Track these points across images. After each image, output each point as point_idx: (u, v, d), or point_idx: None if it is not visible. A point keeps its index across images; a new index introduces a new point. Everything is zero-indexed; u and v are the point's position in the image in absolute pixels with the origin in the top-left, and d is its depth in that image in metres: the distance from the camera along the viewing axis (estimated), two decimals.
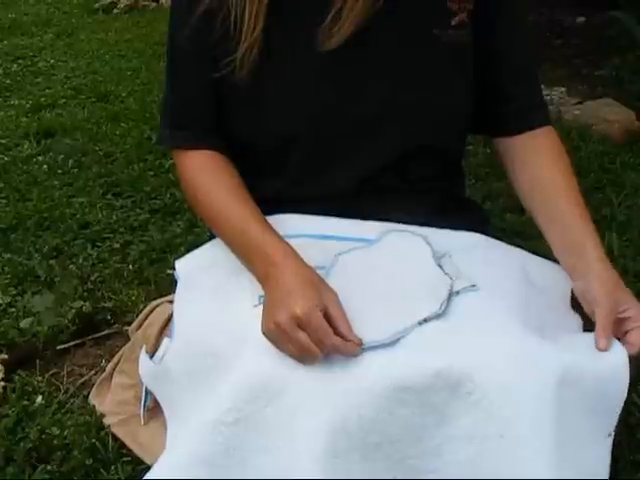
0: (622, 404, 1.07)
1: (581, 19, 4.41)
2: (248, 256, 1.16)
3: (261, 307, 1.09)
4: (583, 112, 3.20)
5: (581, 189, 1.25)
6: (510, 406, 0.99)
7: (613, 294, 1.13)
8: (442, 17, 1.22)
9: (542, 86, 1.37)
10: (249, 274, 1.16)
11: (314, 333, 1.02)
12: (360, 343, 1.02)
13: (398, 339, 1.03)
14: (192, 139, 1.28)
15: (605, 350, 1.07)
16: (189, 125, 1.29)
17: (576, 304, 1.20)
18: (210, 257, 1.28)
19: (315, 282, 1.08)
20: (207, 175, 1.26)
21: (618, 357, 1.08)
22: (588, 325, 1.15)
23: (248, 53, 1.18)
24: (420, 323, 1.05)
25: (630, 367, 1.06)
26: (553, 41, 4.17)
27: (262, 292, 1.11)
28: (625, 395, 1.06)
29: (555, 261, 1.24)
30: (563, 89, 3.42)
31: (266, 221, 1.18)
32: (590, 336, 1.10)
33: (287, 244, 1.14)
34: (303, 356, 1.02)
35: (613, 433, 1.06)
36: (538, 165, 1.28)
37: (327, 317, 1.04)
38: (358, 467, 0.99)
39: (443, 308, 1.07)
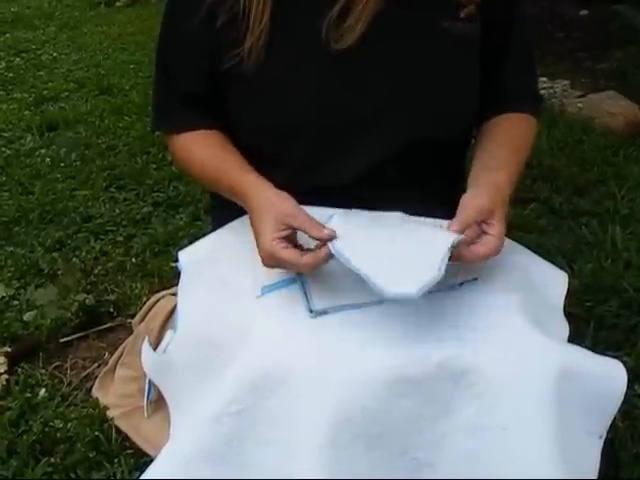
0: (617, 409, 1.07)
1: (584, 12, 4.41)
2: (233, 194, 1.22)
3: (263, 298, 1.10)
4: (586, 105, 3.19)
5: (584, 182, 1.25)
6: (513, 399, 0.99)
7: (480, 203, 1.12)
8: (451, 9, 1.21)
9: (545, 79, 1.37)
10: (252, 264, 1.16)
11: (288, 267, 1.08)
12: (333, 235, 1.06)
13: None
14: (187, 121, 1.30)
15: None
16: (181, 108, 1.30)
17: (567, 313, 1.21)
18: (213, 248, 1.28)
19: (273, 207, 1.11)
20: (196, 135, 1.30)
21: (616, 361, 1.09)
22: (576, 338, 1.15)
23: (255, 43, 1.18)
24: (450, 250, 1.03)
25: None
26: (556, 34, 4.17)
27: (265, 283, 1.12)
28: (621, 400, 1.07)
29: (555, 262, 1.24)
30: (566, 82, 3.40)
31: (245, 163, 1.23)
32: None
33: (258, 177, 1.18)
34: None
35: (604, 435, 1.07)
36: (497, 124, 1.31)
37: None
38: (362, 458, 0.99)
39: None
